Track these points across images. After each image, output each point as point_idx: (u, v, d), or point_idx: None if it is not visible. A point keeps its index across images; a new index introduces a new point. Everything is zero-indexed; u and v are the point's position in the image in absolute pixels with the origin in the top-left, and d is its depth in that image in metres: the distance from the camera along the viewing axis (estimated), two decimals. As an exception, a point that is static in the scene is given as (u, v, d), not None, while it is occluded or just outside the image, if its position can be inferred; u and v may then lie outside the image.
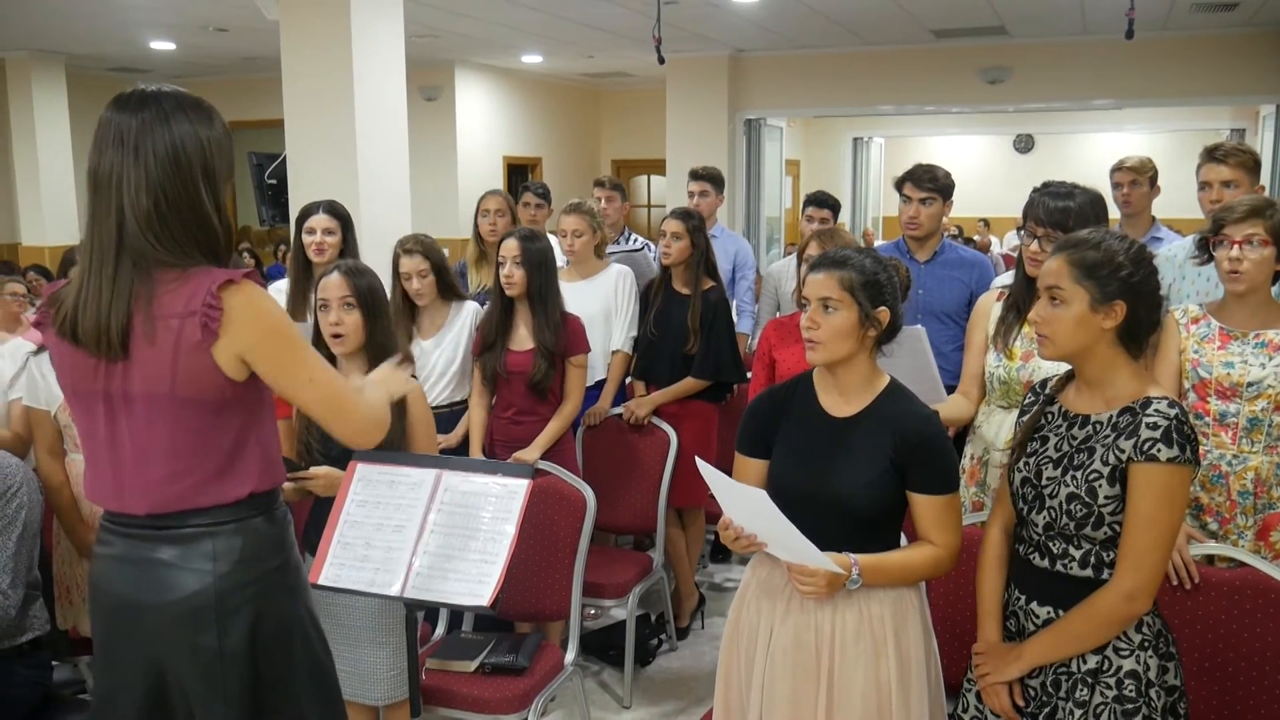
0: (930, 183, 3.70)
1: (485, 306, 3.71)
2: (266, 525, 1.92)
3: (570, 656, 3.08)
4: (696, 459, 2.03)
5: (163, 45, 8.69)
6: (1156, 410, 1.87)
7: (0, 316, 4.80)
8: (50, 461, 3.15)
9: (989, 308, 2.87)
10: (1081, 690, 1.92)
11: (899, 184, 3.80)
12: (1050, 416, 2.04)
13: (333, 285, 2.75)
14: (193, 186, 1.79)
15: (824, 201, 5.04)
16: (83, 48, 8.70)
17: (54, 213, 9.07)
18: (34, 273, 7.15)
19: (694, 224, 4.03)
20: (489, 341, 3.57)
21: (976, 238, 11.37)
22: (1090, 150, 13.29)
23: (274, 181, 5.29)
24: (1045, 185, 2.78)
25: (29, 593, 2.83)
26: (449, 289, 3.66)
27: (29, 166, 8.98)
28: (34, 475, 2.83)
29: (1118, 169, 4.13)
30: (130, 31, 8.02)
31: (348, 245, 3.82)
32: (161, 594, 1.83)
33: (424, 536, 2.27)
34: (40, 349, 3.22)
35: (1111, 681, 1.91)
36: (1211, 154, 3.23)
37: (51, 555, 3.23)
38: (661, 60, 6.46)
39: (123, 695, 1.89)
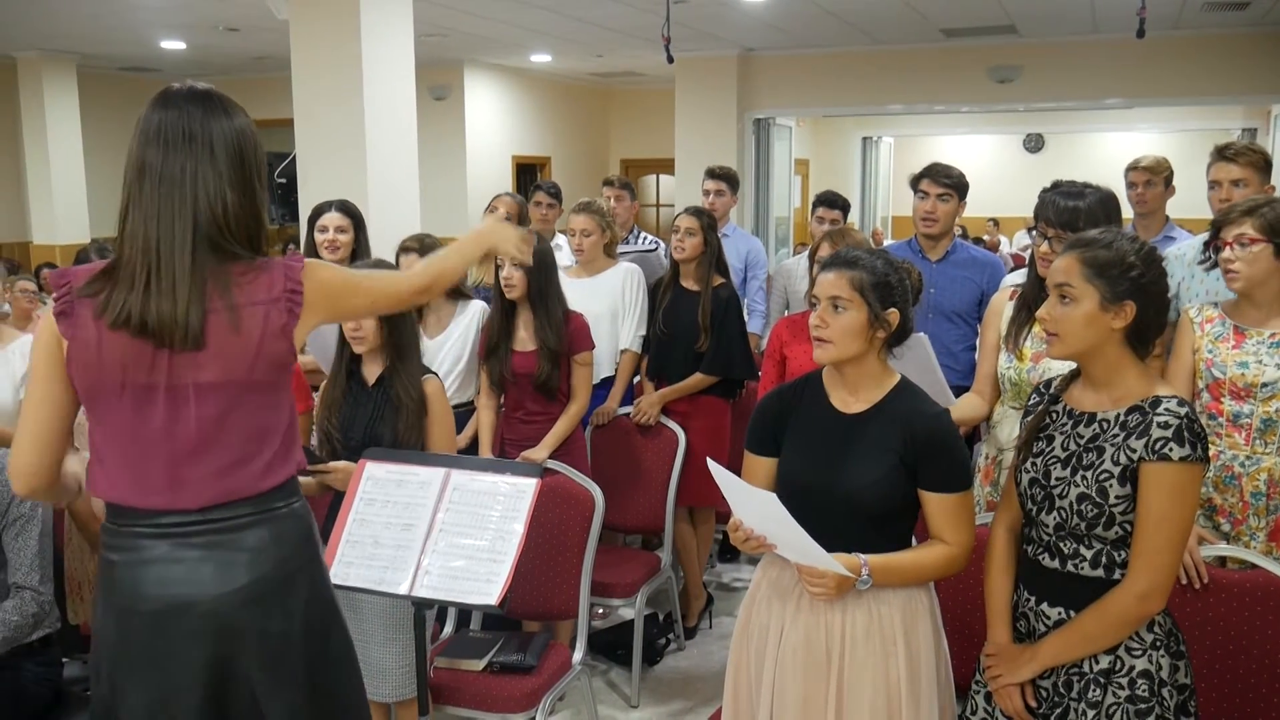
0: (947, 179, 3.72)
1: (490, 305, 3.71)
2: (299, 513, 1.94)
3: (578, 655, 3.08)
4: (708, 460, 2.03)
5: (173, 45, 8.71)
6: (1167, 409, 1.86)
7: (13, 313, 4.83)
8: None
9: (1002, 307, 2.87)
10: (1094, 690, 1.91)
11: (915, 180, 3.81)
12: (1055, 415, 2.03)
13: None
14: (252, 181, 1.86)
15: (834, 202, 5.03)
16: (94, 47, 8.73)
17: (65, 212, 9.10)
18: (47, 269, 7.21)
19: (707, 221, 4.05)
20: (493, 344, 3.58)
21: (986, 237, 11.35)
22: (1101, 150, 13.24)
23: (284, 180, 5.32)
24: (1056, 185, 2.77)
25: None
26: (452, 287, 3.66)
27: (40, 166, 9.01)
28: None
29: (1133, 168, 4.11)
30: (141, 31, 8.05)
31: (360, 244, 3.84)
32: (222, 585, 1.82)
33: (433, 535, 2.28)
34: None
35: (1124, 681, 1.90)
36: (1221, 153, 3.22)
37: (63, 551, 3.24)
38: (670, 59, 6.45)
39: (177, 702, 1.83)
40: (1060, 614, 1.96)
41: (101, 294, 1.78)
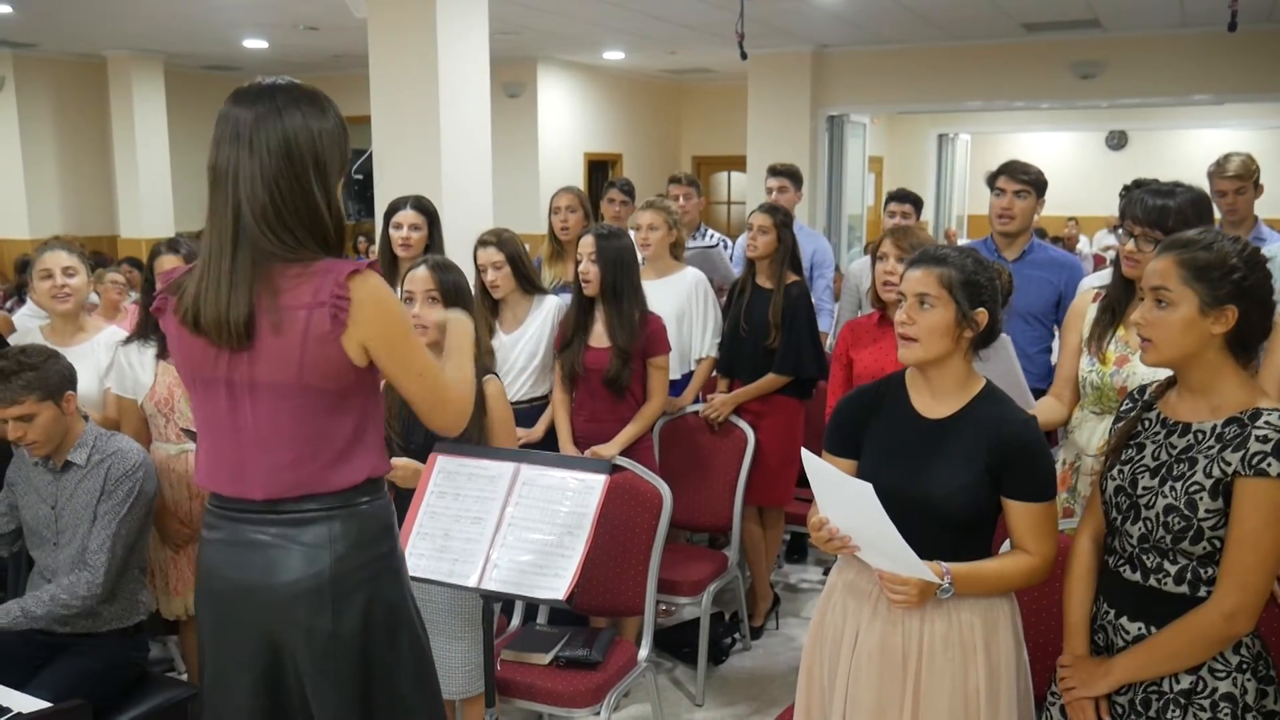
0: (1025, 175, 3.65)
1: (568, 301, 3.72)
2: (376, 511, 1.95)
3: (644, 653, 3.08)
4: (803, 450, 1.99)
5: (256, 44, 8.92)
6: (1267, 422, 1.77)
7: (102, 304, 4.99)
8: None
9: (1084, 309, 2.79)
10: (1173, 711, 1.84)
11: (992, 178, 3.74)
12: (1148, 423, 1.95)
13: (419, 279, 2.79)
14: (304, 178, 1.82)
15: (906, 197, 4.99)
16: (180, 46, 8.98)
17: (151, 206, 9.38)
18: (127, 264, 7.42)
19: (781, 219, 4.01)
20: (569, 338, 3.59)
21: (1065, 234, 11.09)
22: (1186, 147, 12.83)
23: (360, 177, 5.39)
24: (1140, 184, 2.69)
25: (138, 576, 2.94)
26: (528, 282, 3.68)
27: (128, 162, 9.30)
28: (150, 459, 2.92)
29: (1220, 175, 3.92)
30: (225, 31, 8.26)
31: (433, 240, 3.89)
32: (276, 576, 1.87)
33: (502, 529, 2.29)
34: (129, 339, 3.31)
35: (1205, 704, 1.83)
36: None
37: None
38: (744, 56, 6.42)
39: (235, 677, 1.93)
40: (1140, 629, 1.90)
41: (179, 291, 1.86)
